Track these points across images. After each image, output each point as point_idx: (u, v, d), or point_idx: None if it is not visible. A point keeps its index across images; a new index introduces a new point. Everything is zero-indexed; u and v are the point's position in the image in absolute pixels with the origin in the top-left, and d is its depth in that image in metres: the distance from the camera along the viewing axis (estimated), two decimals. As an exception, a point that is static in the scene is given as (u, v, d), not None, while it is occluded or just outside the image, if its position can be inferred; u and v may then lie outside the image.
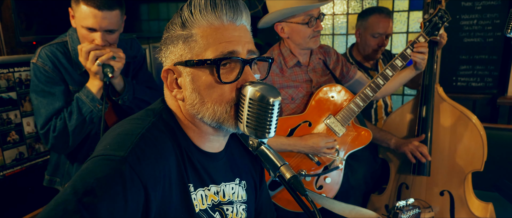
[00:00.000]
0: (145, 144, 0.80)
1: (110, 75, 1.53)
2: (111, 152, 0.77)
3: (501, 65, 3.20)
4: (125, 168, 0.75)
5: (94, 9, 1.48)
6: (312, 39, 1.79)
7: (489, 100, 3.28)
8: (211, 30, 0.84)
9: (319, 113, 1.84)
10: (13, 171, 2.05)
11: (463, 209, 2.05)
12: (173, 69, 0.88)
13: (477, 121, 2.05)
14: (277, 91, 0.81)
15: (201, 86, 0.85)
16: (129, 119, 0.90)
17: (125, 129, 0.85)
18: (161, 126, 0.87)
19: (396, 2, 3.76)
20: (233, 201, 1.00)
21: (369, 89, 1.82)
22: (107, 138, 0.84)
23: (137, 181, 0.75)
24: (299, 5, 1.73)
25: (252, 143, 0.86)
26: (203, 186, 0.92)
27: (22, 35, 2.02)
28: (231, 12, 0.85)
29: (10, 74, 2.01)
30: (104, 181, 0.73)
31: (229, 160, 1.02)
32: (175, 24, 0.87)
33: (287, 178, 0.80)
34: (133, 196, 0.75)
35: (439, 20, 1.82)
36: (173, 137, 0.88)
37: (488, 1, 3.15)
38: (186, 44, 0.85)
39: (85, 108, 1.58)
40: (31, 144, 2.14)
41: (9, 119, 2.01)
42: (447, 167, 2.09)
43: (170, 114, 0.92)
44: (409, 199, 1.34)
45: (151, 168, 0.79)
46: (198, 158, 0.92)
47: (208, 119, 0.86)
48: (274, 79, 1.85)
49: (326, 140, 1.77)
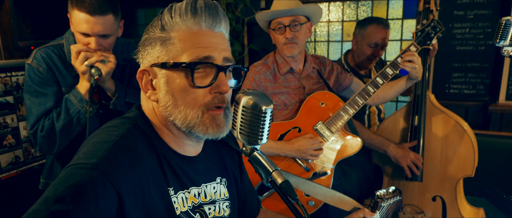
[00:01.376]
0: (118, 151, 0.81)
1: (96, 76, 1.55)
2: (83, 160, 0.78)
3: (493, 73, 3.25)
4: (96, 174, 0.75)
5: (86, 14, 1.49)
6: (285, 46, 1.82)
7: (481, 107, 3.33)
8: (189, 34, 0.86)
9: (309, 119, 1.87)
10: (9, 175, 2.05)
11: (455, 214, 2.09)
12: (149, 70, 0.89)
13: (468, 128, 2.09)
14: (270, 99, 0.84)
15: (175, 89, 0.86)
16: (105, 127, 0.91)
17: (100, 138, 0.86)
18: (136, 133, 0.88)
19: (390, 10, 3.81)
20: (215, 200, 1.02)
21: (358, 97, 1.83)
22: (83, 147, 0.86)
23: (109, 187, 0.76)
24: (266, 12, 1.83)
25: (245, 149, 0.88)
26: (183, 188, 0.93)
27: (20, 39, 2.04)
28: (210, 19, 0.87)
29: (8, 78, 2.02)
30: (75, 189, 0.73)
31: (208, 161, 1.03)
32: (155, 26, 0.88)
33: (278, 183, 0.83)
34: (105, 202, 0.75)
35: (432, 30, 1.84)
36: (149, 142, 0.89)
37: (480, 10, 3.21)
38: (164, 46, 0.87)
39: (72, 109, 1.60)
40: (27, 148, 2.15)
41: (5, 123, 2.02)
42: (439, 173, 2.13)
43: (145, 120, 0.93)
44: (390, 188, 1.35)
45: (124, 174, 0.79)
46: (177, 162, 0.93)
47: (179, 122, 0.87)
48: (266, 85, 1.88)
49: (312, 142, 1.80)
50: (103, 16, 1.52)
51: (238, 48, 3.76)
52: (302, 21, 1.81)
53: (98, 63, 1.56)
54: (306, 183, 1.29)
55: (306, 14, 1.83)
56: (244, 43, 3.84)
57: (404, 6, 3.75)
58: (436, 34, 1.85)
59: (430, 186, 2.15)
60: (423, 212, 2.11)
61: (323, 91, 1.90)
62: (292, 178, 1.30)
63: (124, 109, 1.74)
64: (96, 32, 1.54)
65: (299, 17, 1.81)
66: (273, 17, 1.84)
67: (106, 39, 1.59)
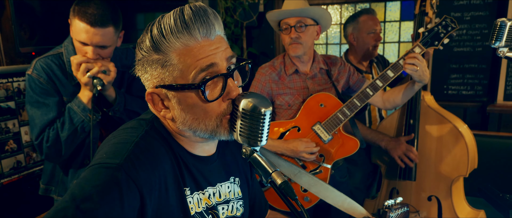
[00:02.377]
0: (140, 151, 0.83)
1: (99, 87, 1.56)
2: (107, 160, 0.80)
3: (490, 74, 3.27)
4: (121, 175, 0.78)
5: (86, 25, 1.50)
6: (289, 46, 1.89)
7: (479, 108, 3.35)
8: (187, 51, 0.83)
9: (308, 119, 1.92)
10: (10, 180, 2.07)
11: (450, 214, 2.09)
12: (157, 91, 0.88)
13: (465, 129, 2.10)
14: (268, 102, 0.86)
15: (189, 107, 0.86)
16: (123, 129, 0.93)
17: (120, 138, 0.88)
18: (154, 134, 0.90)
19: (388, 12, 3.84)
20: (229, 199, 1.03)
21: (356, 99, 1.85)
22: (104, 147, 0.87)
23: (133, 187, 0.78)
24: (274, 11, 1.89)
25: (245, 151, 0.90)
26: (198, 189, 0.95)
27: (21, 45, 2.06)
28: (203, 27, 0.83)
29: (9, 84, 2.04)
30: (101, 188, 0.76)
31: (222, 160, 1.05)
32: (147, 46, 0.84)
33: (278, 183, 0.84)
34: (129, 202, 0.77)
35: (443, 29, 1.75)
36: (167, 143, 0.91)
37: (477, 12, 3.24)
38: (165, 68, 0.84)
39: (76, 118, 1.61)
40: (29, 153, 2.16)
41: (7, 128, 2.04)
42: (433, 173, 2.14)
43: (160, 123, 0.94)
44: (398, 198, 1.36)
45: (146, 174, 0.82)
46: (193, 162, 0.95)
47: (201, 132, 0.88)
48: (271, 86, 1.95)
49: (306, 145, 1.84)
50: (103, 28, 1.53)
51: (237, 51, 3.78)
52: (308, 23, 1.86)
53: (100, 74, 1.57)
54: (318, 184, 1.29)
55: (312, 16, 1.87)
56: (243, 47, 3.86)
57: (402, 8, 3.78)
58: (448, 33, 1.75)
59: (425, 186, 2.16)
60: (418, 212, 2.12)
61: (323, 93, 1.93)
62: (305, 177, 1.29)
63: (124, 116, 1.75)
64: (94, 43, 1.55)
65: (306, 19, 1.86)
66: (280, 17, 1.90)
67: (104, 50, 1.60)
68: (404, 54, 1.80)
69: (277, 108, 1.98)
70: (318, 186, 1.29)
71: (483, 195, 1.82)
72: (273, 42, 3.85)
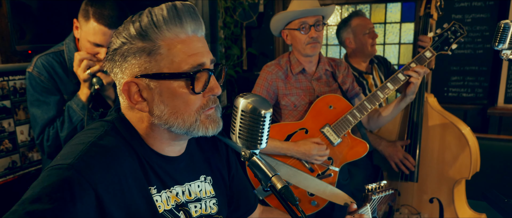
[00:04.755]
0: (95, 151, 0.83)
1: (96, 86, 1.55)
2: (60, 162, 0.80)
3: (491, 76, 3.26)
4: (72, 174, 0.77)
5: (104, 27, 1.49)
6: (308, 45, 1.84)
7: (479, 110, 3.33)
8: (178, 42, 0.85)
9: (316, 121, 1.88)
10: (5, 180, 2.04)
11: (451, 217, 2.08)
12: (136, 81, 0.87)
13: (468, 131, 2.09)
14: (269, 103, 0.83)
15: (170, 98, 0.86)
16: (84, 130, 0.92)
17: (78, 140, 0.87)
18: (114, 134, 0.89)
19: (388, 14, 3.82)
20: (200, 198, 1.03)
21: (367, 102, 1.84)
22: (62, 151, 0.87)
23: (86, 185, 0.77)
24: (293, 10, 1.83)
25: (244, 154, 0.88)
26: (165, 188, 0.94)
27: (17, 44, 2.03)
28: (193, 23, 0.87)
29: (5, 83, 2.01)
30: (51, 189, 0.75)
31: (191, 160, 1.04)
32: (131, 33, 0.84)
33: (278, 188, 0.82)
34: (83, 201, 0.76)
35: (452, 35, 1.78)
36: (127, 144, 0.90)
37: (478, 14, 3.23)
38: (152, 56, 0.84)
39: (75, 117, 1.60)
40: (24, 153, 2.13)
41: (2, 127, 2.01)
42: (436, 175, 2.13)
43: (123, 122, 0.93)
44: (381, 181, 1.35)
45: (101, 172, 0.81)
46: (158, 162, 0.94)
47: (177, 128, 0.88)
48: (278, 85, 1.91)
49: (318, 148, 1.81)
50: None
51: (236, 52, 3.76)
52: (323, 21, 1.86)
53: (99, 73, 1.56)
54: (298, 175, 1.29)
55: (325, 14, 1.88)
56: (242, 47, 3.84)
57: (402, 10, 3.77)
58: (457, 39, 1.77)
59: (427, 188, 2.15)
60: (420, 213, 2.11)
61: (332, 94, 1.90)
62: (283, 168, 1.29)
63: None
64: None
65: (321, 17, 1.85)
66: (301, 16, 1.84)
67: None
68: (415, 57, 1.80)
69: (282, 109, 1.94)
70: (297, 177, 1.30)
71: (486, 200, 1.80)
72: (272, 42, 3.82)
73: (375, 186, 1.33)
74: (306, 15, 1.83)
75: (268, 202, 1.87)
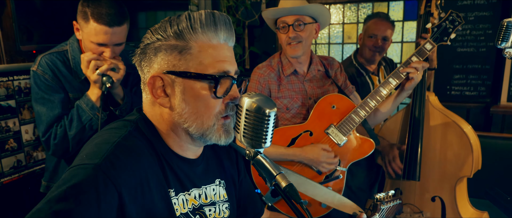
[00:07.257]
0: (120, 152, 0.83)
1: (108, 85, 1.56)
2: (86, 161, 0.81)
3: (494, 75, 3.25)
4: (98, 175, 0.77)
5: (104, 26, 1.49)
6: (287, 46, 1.81)
7: (482, 108, 3.32)
8: (209, 46, 0.88)
9: (320, 122, 1.84)
10: (11, 179, 2.05)
11: (454, 216, 2.08)
12: (162, 76, 0.89)
13: (470, 129, 2.09)
14: (273, 103, 0.84)
15: (193, 98, 0.88)
16: (106, 129, 0.93)
17: (102, 139, 0.88)
18: (137, 135, 0.90)
19: (390, 12, 3.82)
20: (215, 201, 1.04)
21: (370, 99, 1.80)
22: (85, 148, 0.87)
23: (110, 187, 0.78)
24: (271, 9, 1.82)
25: (249, 153, 0.88)
26: (184, 190, 0.95)
27: (22, 44, 2.05)
28: (226, 32, 0.90)
29: (10, 82, 2.03)
30: (77, 188, 0.75)
31: (207, 164, 1.05)
32: (168, 32, 0.88)
33: (282, 186, 0.83)
34: (107, 201, 0.77)
35: (450, 24, 1.76)
36: (150, 145, 0.91)
37: (481, 12, 3.22)
38: (182, 55, 0.87)
39: (85, 116, 1.61)
40: (29, 152, 2.15)
41: (7, 127, 2.02)
42: (437, 173, 2.13)
43: (146, 123, 0.94)
44: (389, 191, 1.34)
45: (126, 174, 0.81)
46: (178, 164, 0.95)
47: (194, 129, 0.90)
48: (271, 87, 1.87)
49: (327, 156, 1.78)
50: (120, 27, 1.53)
51: (239, 51, 3.77)
52: (306, 21, 1.79)
53: (109, 71, 1.57)
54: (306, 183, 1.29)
55: (311, 14, 1.80)
56: (245, 46, 3.85)
57: (405, 8, 3.76)
58: (455, 28, 1.75)
59: (429, 186, 2.14)
60: (422, 212, 2.10)
61: (334, 94, 1.87)
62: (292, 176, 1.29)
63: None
64: (113, 41, 1.55)
65: (304, 17, 1.78)
66: (278, 15, 1.82)
67: (120, 47, 1.61)
68: (416, 50, 1.79)
69: None
70: (306, 185, 1.30)
71: (489, 198, 1.80)
72: (275, 41, 3.82)
73: (383, 195, 1.33)
74: (282, 14, 1.79)
75: (278, 208, 1.85)
